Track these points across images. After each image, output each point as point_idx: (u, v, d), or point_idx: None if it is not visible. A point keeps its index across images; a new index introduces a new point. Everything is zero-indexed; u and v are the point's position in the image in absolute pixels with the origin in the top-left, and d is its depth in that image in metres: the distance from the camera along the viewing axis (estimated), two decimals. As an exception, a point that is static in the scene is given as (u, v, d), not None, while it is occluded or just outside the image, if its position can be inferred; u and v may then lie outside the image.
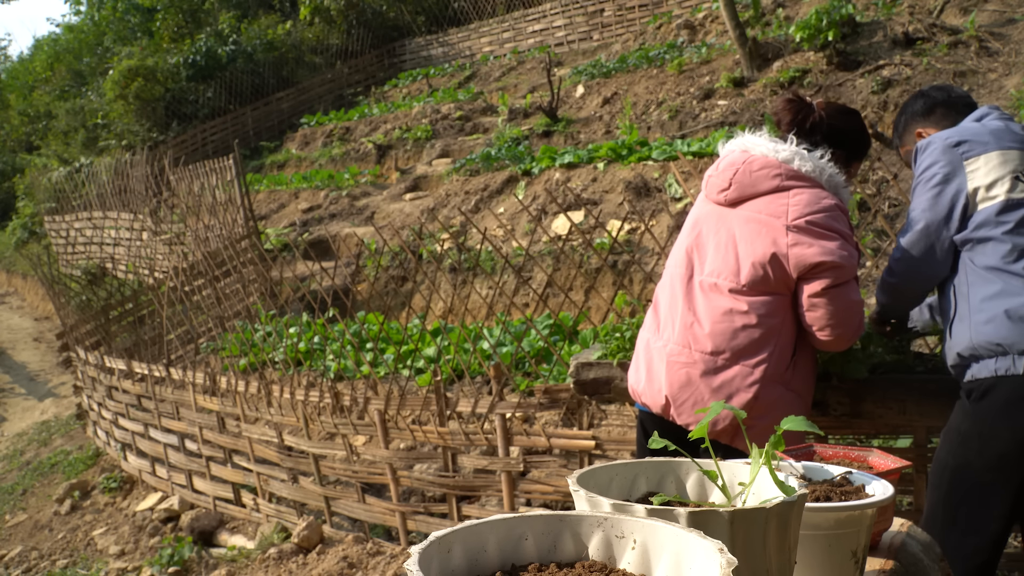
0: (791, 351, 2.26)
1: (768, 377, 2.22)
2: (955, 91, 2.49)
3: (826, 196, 2.24)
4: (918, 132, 2.46)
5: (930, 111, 2.46)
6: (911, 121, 2.49)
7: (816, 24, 8.81)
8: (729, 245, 2.28)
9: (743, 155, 2.34)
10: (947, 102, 2.45)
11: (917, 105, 2.49)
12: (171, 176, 13.33)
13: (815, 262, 2.16)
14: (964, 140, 2.21)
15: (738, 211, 2.30)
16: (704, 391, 2.25)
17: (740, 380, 2.23)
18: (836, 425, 2.90)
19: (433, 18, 20.53)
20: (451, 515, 4.37)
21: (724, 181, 2.34)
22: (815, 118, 2.38)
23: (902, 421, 2.81)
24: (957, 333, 2.19)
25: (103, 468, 7.87)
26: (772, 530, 0.96)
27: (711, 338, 2.25)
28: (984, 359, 2.12)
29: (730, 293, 2.25)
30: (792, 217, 2.21)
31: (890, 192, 6.29)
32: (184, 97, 19.05)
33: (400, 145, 13.79)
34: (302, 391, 5.20)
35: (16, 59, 36.75)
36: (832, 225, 2.20)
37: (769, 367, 2.22)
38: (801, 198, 2.22)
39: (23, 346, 14.30)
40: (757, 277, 2.23)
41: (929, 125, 2.44)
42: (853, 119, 2.45)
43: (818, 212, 2.20)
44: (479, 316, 7.32)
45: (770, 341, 2.23)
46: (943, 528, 2.15)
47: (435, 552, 0.83)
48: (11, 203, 24.25)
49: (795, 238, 2.20)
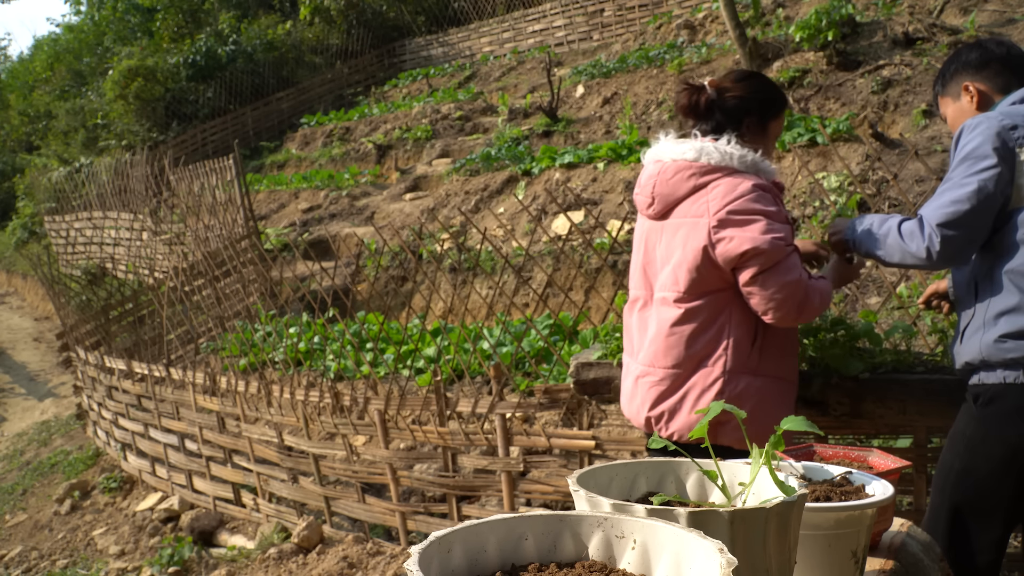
0: (751, 338, 2.25)
1: (730, 371, 2.24)
2: (1015, 48, 2.26)
3: (742, 180, 2.20)
4: (965, 85, 2.24)
5: (985, 64, 2.23)
6: (961, 71, 2.26)
7: (816, 24, 8.81)
8: (668, 257, 2.30)
9: (657, 165, 2.34)
10: (1005, 59, 2.22)
11: (972, 56, 2.26)
12: (171, 176, 13.33)
13: (739, 252, 2.15)
14: (1019, 125, 2.03)
15: (669, 221, 2.31)
16: (675, 403, 2.29)
17: (703, 381, 2.26)
18: (836, 425, 2.90)
19: (433, 18, 20.53)
20: (451, 515, 4.37)
21: (647, 197, 2.35)
22: (707, 97, 2.33)
23: (902, 421, 2.81)
24: (969, 343, 2.14)
25: (103, 468, 7.87)
26: (772, 530, 0.96)
27: (669, 352, 2.28)
28: (995, 368, 2.08)
29: (675, 303, 2.28)
30: (712, 212, 2.20)
31: (890, 192, 6.29)
32: (184, 97, 19.04)
33: (400, 145, 13.79)
34: (302, 391, 5.20)
35: (16, 59, 36.78)
36: (752, 208, 2.17)
37: (728, 361, 2.24)
38: (718, 191, 2.21)
39: (23, 346, 14.30)
40: (694, 280, 2.24)
41: (980, 80, 2.23)
42: (750, 81, 2.38)
43: (736, 199, 2.17)
44: (479, 316, 7.32)
45: (723, 336, 2.24)
46: (946, 530, 2.14)
47: (435, 552, 0.83)
48: (11, 203, 24.25)
49: (718, 233, 2.18)
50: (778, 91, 2.43)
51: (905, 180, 6.30)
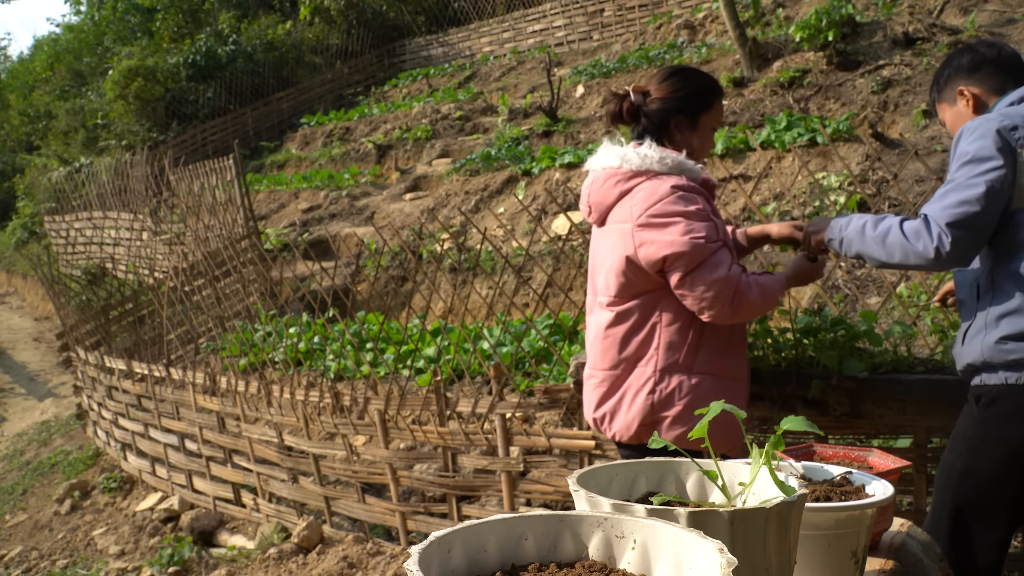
0: (685, 337, 2.25)
1: (661, 369, 2.25)
2: (1006, 49, 2.27)
3: (662, 182, 2.21)
4: (960, 89, 2.25)
5: (977, 67, 2.24)
6: (954, 76, 2.28)
7: (816, 24, 8.81)
8: (604, 262, 2.34)
9: (591, 175, 2.39)
10: (997, 60, 2.23)
11: (963, 60, 2.27)
12: (171, 176, 13.33)
13: (660, 257, 2.17)
14: (1019, 126, 2.03)
15: (605, 227, 2.35)
16: (615, 405, 2.32)
17: (637, 381, 2.28)
18: (836, 425, 2.91)
19: (433, 18, 20.53)
20: (451, 515, 4.37)
21: (585, 207, 2.41)
22: (630, 104, 2.35)
23: (902, 421, 2.81)
24: (970, 344, 2.13)
25: (103, 468, 7.87)
26: (772, 530, 0.96)
27: (606, 354, 2.32)
28: (996, 370, 2.08)
29: (608, 307, 2.32)
30: (635, 217, 2.22)
31: (890, 192, 6.29)
32: (184, 97, 19.04)
33: (400, 145, 13.79)
34: (302, 391, 5.20)
35: (16, 59, 36.77)
36: (671, 210, 2.18)
37: (659, 360, 2.25)
38: (640, 195, 2.22)
39: (23, 346, 14.30)
40: (623, 284, 2.27)
41: (973, 83, 2.24)
42: (673, 80, 2.35)
43: (656, 203, 2.18)
44: (479, 316, 7.32)
45: (654, 336, 2.26)
46: (948, 531, 2.14)
47: (435, 552, 0.83)
48: (11, 203, 24.25)
49: (640, 238, 2.20)
50: (705, 83, 2.40)
51: (905, 180, 6.29)
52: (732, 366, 2.32)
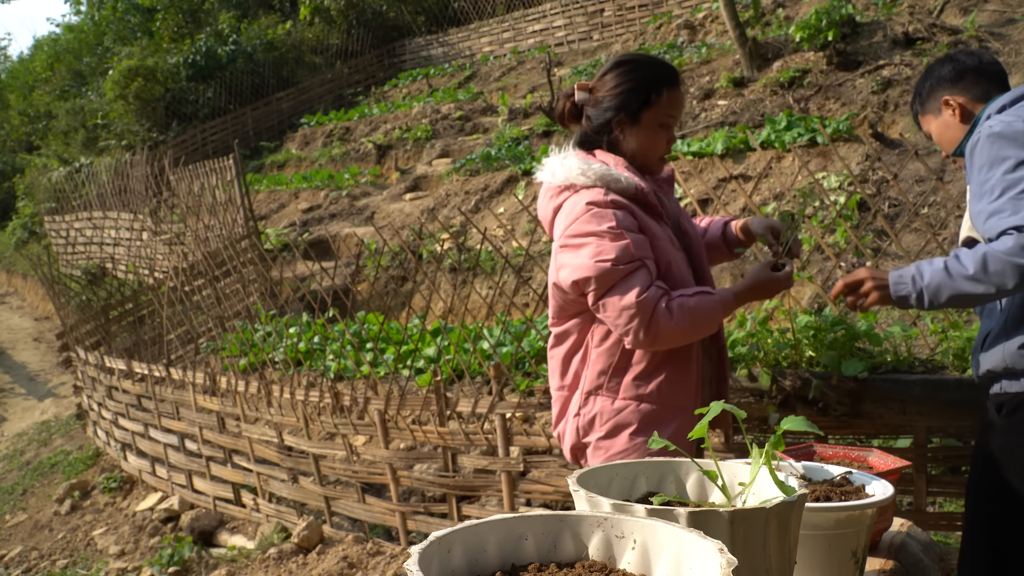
0: (612, 360, 2.09)
1: (587, 392, 2.13)
2: (986, 57, 2.25)
3: (580, 198, 2.04)
4: (945, 99, 2.23)
5: (960, 77, 2.21)
6: (937, 87, 2.25)
7: (816, 24, 8.81)
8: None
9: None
10: (978, 68, 2.20)
11: (945, 70, 2.25)
12: (171, 176, 13.33)
13: (571, 282, 2.02)
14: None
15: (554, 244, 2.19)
16: (562, 425, 2.24)
17: (574, 402, 2.18)
18: (836, 425, 2.91)
19: (433, 18, 20.53)
20: (451, 515, 4.37)
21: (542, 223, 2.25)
22: (571, 104, 2.17)
23: (902, 421, 2.81)
24: (992, 349, 2.08)
25: (103, 468, 7.87)
26: (772, 530, 0.96)
27: (553, 374, 2.23)
28: (1019, 377, 2.03)
29: (551, 326, 2.23)
30: (556, 238, 2.09)
31: (890, 192, 6.29)
32: (184, 97, 19.04)
33: (400, 145, 13.79)
34: (302, 391, 5.20)
35: (16, 59, 36.78)
36: (584, 231, 2.00)
37: (587, 383, 2.12)
38: (562, 214, 2.08)
39: (23, 346, 14.30)
40: (558, 305, 2.16)
41: (957, 92, 2.21)
42: (613, 73, 2.11)
43: (572, 222, 2.03)
44: (479, 316, 7.31)
45: (587, 358, 2.13)
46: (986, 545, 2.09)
47: (435, 552, 0.83)
48: (11, 203, 24.25)
49: (559, 260, 2.07)
50: (649, 74, 2.10)
51: (905, 180, 6.29)
52: (666, 392, 2.09)
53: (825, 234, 5.99)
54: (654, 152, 2.13)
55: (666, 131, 2.12)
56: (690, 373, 2.12)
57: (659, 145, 2.12)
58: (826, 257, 5.88)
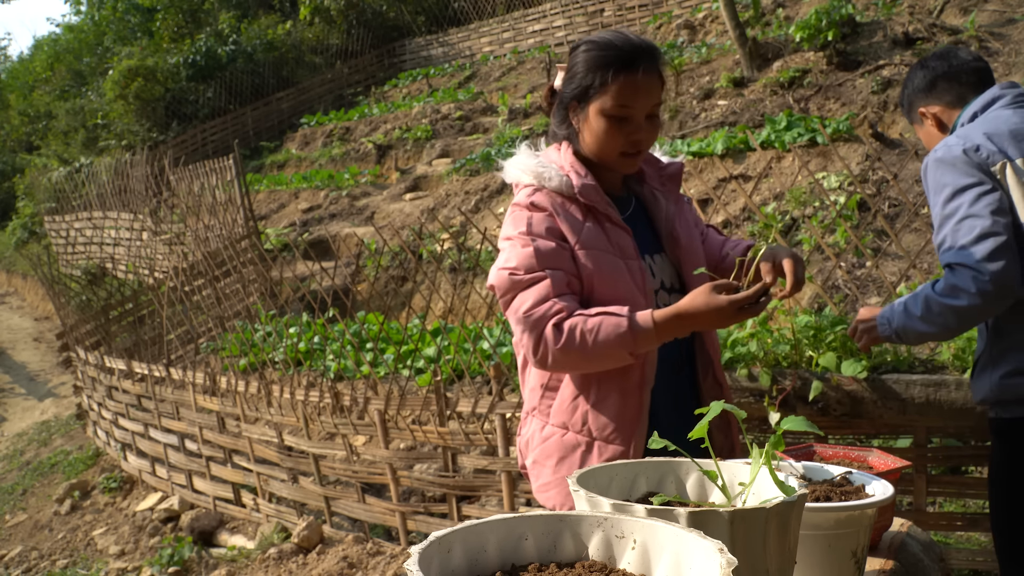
0: (545, 377, 1.88)
1: (527, 412, 1.95)
2: (956, 58, 2.15)
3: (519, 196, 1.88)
4: (920, 111, 2.18)
5: (932, 85, 2.15)
6: (914, 98, 2.20)
7: (816, 24, 8.81)
8: None
9: None
10: (948, 74, 2.12)
11: (917, 79, 2.18)
12: (171, 176, 13.33)
13: (488, 287, 1.85)
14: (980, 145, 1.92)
15: None
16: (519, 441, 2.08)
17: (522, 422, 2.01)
18: (836, 425, 2.91)
19: (433, 18, 20.53)
20: (451, 515, 4.37)
21: None
22: (547, 94, 1.95)
23: (902, 421, 2.81)
24: (979, 380, 2.05)
25: (103, 468, 7.87)
26: (772, 530, 0.96)
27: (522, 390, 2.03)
28: (1009, 406, 2.00)
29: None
30: None
31: (890, 192, 6.29)
32: (184, 97, 19.05)
33: (400, 145, 13.79)
34: (302, 391, 5.20)
35: (16, 59, 36.79)
36: (505, 234, 1.84)
37: (527, 402, 1.95)
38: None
39: (23, 346, 14.30)
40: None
41: (932, 102, 2.15)
42: (571, 56, 1.87)
43: (504, 225, 1.87)
44: (479, 316, 7.31)
45: (526, 372, 1.96)
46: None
47: (435, 552, 0.83)
48: (11, 203, 24.26)
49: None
50: (601, 54, 1.79)
51: (905, 180, 6.29)
52: (592, 423, 1.81)
53: (825, 234, 5.99)
54: (608, 147, 1.81)
55: (622, 123, 1.79)
56: (628, 402, 1.79)
57: (613, 139, 1.80)
58: (826, 257, 5.88)
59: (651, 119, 1.82)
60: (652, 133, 1.82)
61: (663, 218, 1.93)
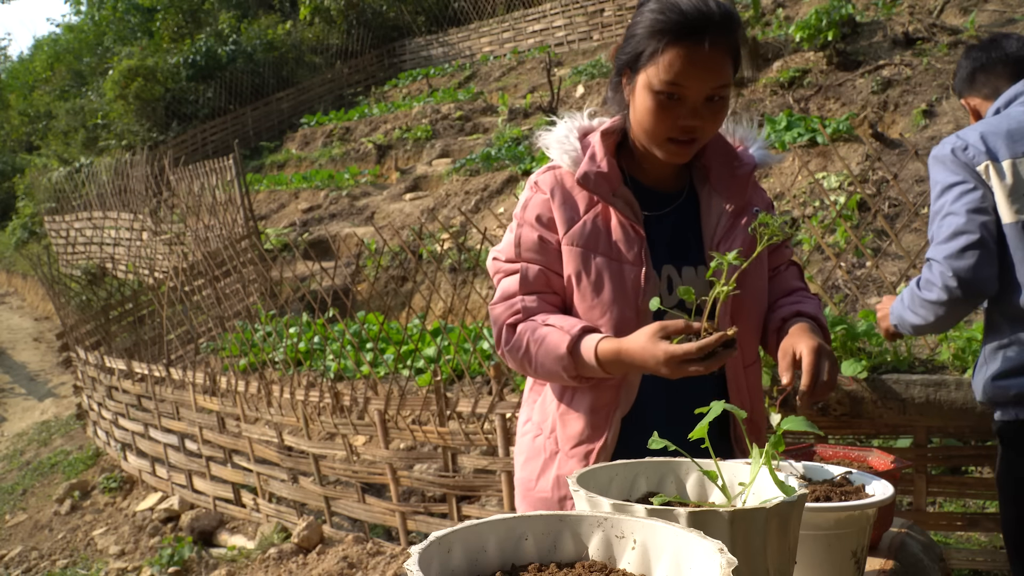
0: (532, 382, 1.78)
1: (522, 404, 1.85)
2: (997, 48, 2.12)
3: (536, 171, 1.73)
4: (964, 101, 2.18)
5: (972, 78, 2.14)
6: (961, 88, 2.20)
7: (816, 24, 8.81)
8: None
9: None
10: (986, 66, 2.11)
11: (961, 71, 2.19)
12: (171, 176, 13.33)
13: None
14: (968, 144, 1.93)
15: None
16: None
17: None
18: (836, 425, 2.91)
19: (433, 18, 20.53)
20: (451, 515, 4.37)
21: None
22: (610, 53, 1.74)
23: (902, 421, 2.81)
24: (976, 381, 2.05)
25: (103, 468, 7.87)
26: (772, 530, 0.96)
27: None
28: (1006, 406, 1.99)
29: None
30: None
31: (890, 192, 6.29)
32: (184, 97, 19.05)
33: (400, 145, 13.79)
34: (302, 391, 5.20)
35: (16, 59, 36.82)
36: (514, 213, 1.72)
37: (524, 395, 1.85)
38: None
39: (23, 346, 14.30)
40: None
41: (972, 94, 2.14)
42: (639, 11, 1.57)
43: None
44: (479, 316, 7.31)
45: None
46: None
47: (435, 552, 0.83)
48: (11, 203, 24.26)
49: None
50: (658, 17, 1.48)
51: (905, 180, 6.29)
52: (559, 428, 1.66)
53: (825, 234, 5.99)
54: (654, 129, 1.54)
55: (672, 103, 1.50)
56: (596, 422, 1.60)
57: (660, 121, 1.52)
58: (826, 257, 5.88)
59: (712, 103, 1.51)
60: (712, 121, 1.53)
61: (711, 226, 1.63)
